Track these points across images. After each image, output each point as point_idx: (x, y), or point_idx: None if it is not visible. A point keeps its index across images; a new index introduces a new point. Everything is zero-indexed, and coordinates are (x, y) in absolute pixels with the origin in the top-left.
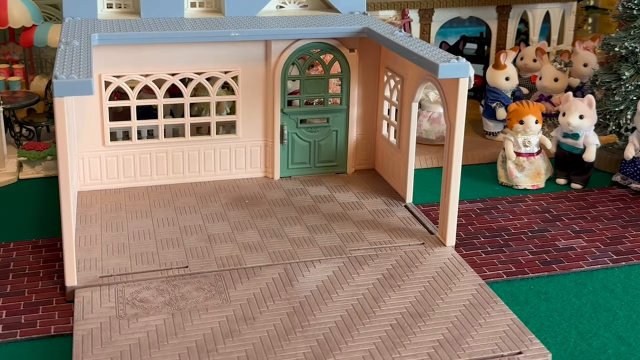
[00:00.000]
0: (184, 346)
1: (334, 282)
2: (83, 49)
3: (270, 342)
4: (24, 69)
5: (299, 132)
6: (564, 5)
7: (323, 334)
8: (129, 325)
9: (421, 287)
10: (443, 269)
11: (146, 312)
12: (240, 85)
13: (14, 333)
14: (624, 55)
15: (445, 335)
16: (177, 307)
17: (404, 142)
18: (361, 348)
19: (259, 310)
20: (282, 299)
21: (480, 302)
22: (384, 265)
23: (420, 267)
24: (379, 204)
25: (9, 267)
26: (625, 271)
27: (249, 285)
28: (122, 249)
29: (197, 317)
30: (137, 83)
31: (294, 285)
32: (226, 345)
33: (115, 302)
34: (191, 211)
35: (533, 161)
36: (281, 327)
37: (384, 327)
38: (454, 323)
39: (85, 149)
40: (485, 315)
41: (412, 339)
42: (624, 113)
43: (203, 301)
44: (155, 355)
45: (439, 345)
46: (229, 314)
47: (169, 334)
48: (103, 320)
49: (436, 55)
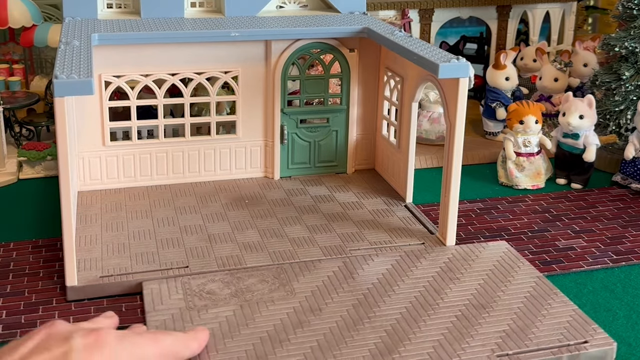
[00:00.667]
0: (256, 336)
1: (394, 275)
2: (83, 49)
3: (340, 332)
4: (24, 69)
5: (299, 132)
6: (564, 5)
7: (390, 324)
8: (200, 316)
9: (480, 279)
10: (500, 262)
11: (214, 303)
12: (240, 85)
13: (14, 333)
14: (624, 55)
15: (510, 325)
16: (244, 298)
17: (404, 142)
18: (430, 338)
19: (325, 302)
20: (345, 291)
21: (540, 294)
22: (441, 259)
23: (476, 260)
24: (379, 203)
25: (9, 267)
26: (625, 271)
27: (310, 277)
28: (122, 248)
29: (265, 309)
30: (137, 83)
31: (354, 278)
32: (297, 335)
33: (184, 294)
34: (191, 211)
35: (533, 161)
36: (348, 318)
37: (449, 318)
38: (517, 314)
39: (85, 149)
40: (547, 307)
41: (478, 329)
42: (624, 113)
43: (268, 293)
44: (229, 345)
45: (505, 335)
46: (296, 306)
47: (240, 324)
48: (174, 312)
49: (436, 55)
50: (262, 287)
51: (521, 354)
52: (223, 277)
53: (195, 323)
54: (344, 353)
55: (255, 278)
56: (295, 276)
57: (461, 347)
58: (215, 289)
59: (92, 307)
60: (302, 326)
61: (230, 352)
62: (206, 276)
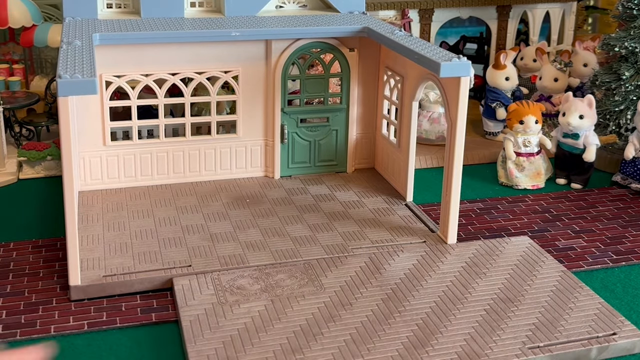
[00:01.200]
0: (290, 330)
1: (420, 270)
2: (85, 49)
3: (372, 326)
4: (23, 69)
5: (299, 131)
6: (564, 5)
7: (421, 318)
8: (232, 311)
9: (506, 274)
10: (524, 257)
11: (246, 298)
12: (241, 84)
13: (14, 333)
14: (623, 55)
15: (539, 318)
16: (274, 294)
17: (404, 141)
18: (461, 331)
19: (354, 297)
20: (373, 285)
21: (566, 288)
22: (466, 254)
23: (500, 255)
24: (379, 202)
25: (9, 267)
26: (625, 271)
27: (338, 273)
28: (124, 248)
29: (296, 303)
30: (138, 83)
31: (381, 273)
32: (330, 329)
33: (214, 290)
34: (192, 210)
35: (533, 161)
36: (379, 312)
37: (478, 312)
38: (545, 307)
39: (86, 149)
40: (574, 300)
41: (508, 322)
42: (624, 113)
43: (298, 288)
44: (264, 338)
45: (535, 328)
46: (326, 300)
47: (273, 318)
48: (207, 307)
49: (437, 54)
50: (291, 282)
51: (552, 346)
52: (252, 272)
53: (229, 318)
54: (378, 346)
55: (283, 274)
56: (323, 272)
57: (492, 340)
58: (245, 285)
59: (92, 307)
60: (333, 320)
61: (266, 346)
62: (235, 272)
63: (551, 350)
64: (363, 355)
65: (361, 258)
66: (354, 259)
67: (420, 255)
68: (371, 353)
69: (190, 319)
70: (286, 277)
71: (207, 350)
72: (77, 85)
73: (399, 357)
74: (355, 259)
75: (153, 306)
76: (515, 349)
